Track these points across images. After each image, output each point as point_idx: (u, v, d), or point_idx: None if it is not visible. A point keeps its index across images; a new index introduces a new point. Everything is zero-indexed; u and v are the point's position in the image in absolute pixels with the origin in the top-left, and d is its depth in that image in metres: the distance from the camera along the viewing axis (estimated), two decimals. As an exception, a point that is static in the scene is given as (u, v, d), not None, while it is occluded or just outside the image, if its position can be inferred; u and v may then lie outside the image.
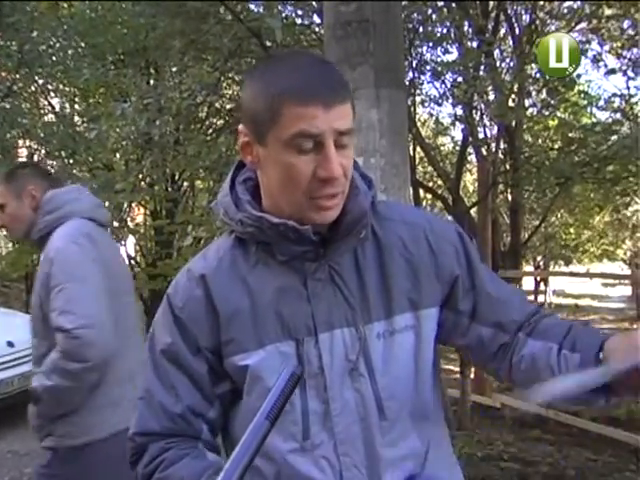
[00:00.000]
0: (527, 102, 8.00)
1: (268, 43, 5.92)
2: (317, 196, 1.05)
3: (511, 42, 8.64)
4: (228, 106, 8.79)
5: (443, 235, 1.20)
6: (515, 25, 8.42)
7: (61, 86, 9.56)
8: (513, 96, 7.38)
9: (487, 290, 1.21)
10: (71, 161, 8.96)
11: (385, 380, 1.10)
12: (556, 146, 8.03)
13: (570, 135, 7.09)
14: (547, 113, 7.70)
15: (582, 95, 8.57)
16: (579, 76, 6.22)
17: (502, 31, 8.73)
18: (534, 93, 7.60)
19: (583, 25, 8.23)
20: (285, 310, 1.10)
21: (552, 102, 6.68)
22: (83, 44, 7.53)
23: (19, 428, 5.19)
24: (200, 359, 1.13)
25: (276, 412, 0.93)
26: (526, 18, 8.59)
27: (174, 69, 8.06)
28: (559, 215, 13.59)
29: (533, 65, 6.90)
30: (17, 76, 8.25)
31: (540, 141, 8.81)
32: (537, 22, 8.45)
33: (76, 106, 10.31)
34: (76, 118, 9.88)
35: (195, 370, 1.13)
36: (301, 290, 1.11)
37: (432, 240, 1.18)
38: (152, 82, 7.70)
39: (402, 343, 1.13)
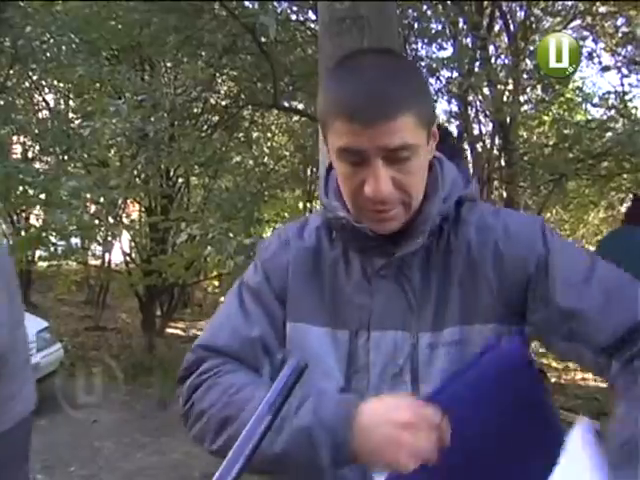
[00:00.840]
0: (522, 98, 8.01)
1: (263, 39, 5.91)
2: (367, 209, 1.05)
3: (506, 39, 8.64)
4: (223, 102, 8.78)
5: (518, 238, 1.09)
6: (510, 22, 8.43)
7: (55, 82, 9.53)
8: (508, 92, 7.38)
9: (557, 300, 1.05)
10: (65, 157, 8.94)
11: (425, 391, 1.06)
12: (551, 142, 8.04)
13: (565, 132, 7.08)
14: (542, 109, 7.71)
15: (577, 92, 8.59)
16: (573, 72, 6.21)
17: (497, 27, 8.75)
18: (529, 89, 7.62)
19: (577, 22, 8.25)
20: (346, 299, 1.12)
21: (547, 98, 6.69)
22: (77, 40, 7.48)
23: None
24: (278, 303, 1.17)
25: (279, 405, 0.91)
26: (520, 15, 8.61)
27: (168, 65, 8.05)
28: (554, 211, 13.61)
29: (528, 61, 6.91)
30: (11, 72, 8.21)
31: (535, 137, 8.82)
32: (532, 19, 8.46)
33: (70, 102, 10.28)
34: (70, 114, 9.86)
35: (273, 310, 1.17)
36: (364, 284, 1.12)
37: (502, 246, 1.08)
38: (146, 78, 7.67)
39: (445, 357, 1.07)
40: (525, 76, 7.39)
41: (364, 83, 1.00)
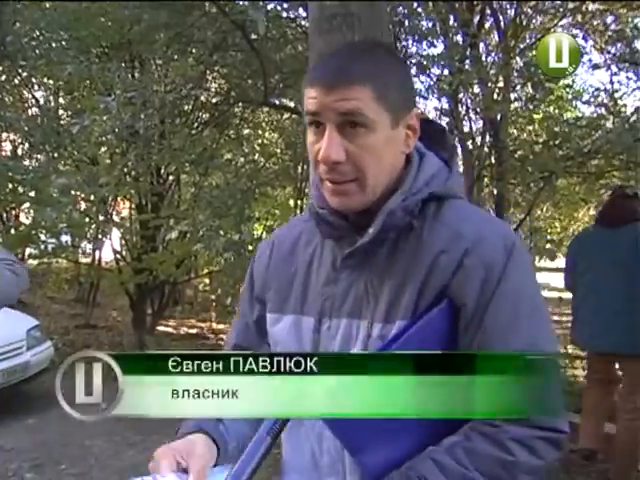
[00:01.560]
0: (512, 96, 8.03)
1: (253, 36, 5.91)
2: (323, 178, 1.11)
3: (496, 36, 8.67)
4: (213, 100, 8.76)
5: (483, 256, 1.08)
6: (500, 19, 8.45)
7: (45, 79, 9.48)
8: (498, 90, 7.40)
9: (488, 335, 1.06)
10: (55, 155, 8.90)
11: None
12: (540, 140, 8.07)
13: (555, 129, 7.10)
14: (532, 107, 7.73)
15: (567, 89, 8.61)
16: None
17: (487, 25, 8.77)
18: (519, 87, 7.64)
19: (567, 20, 8.27)
20: (315, 287, 1.18)
21: (537, 96, 6.71)
22: (67, 37, 7.45)
23: (3, 424, 5.17)
24: (253, 307, 1.29)
25: (278, 428, 0.98)
26: (511, 12, 8.63)
27: (159, 62, 8.02)
28: (544, 209, 13.65)
29: (518, 59, 6.93)
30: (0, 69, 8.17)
31: (525, 135, 8.85)
32: (522, 17, 8.48)
33: (60, 99, 10.24)
34: (60, 111, 9.82)
35: (247, 315, 1.30)
36: (332, 272, 1.16)
37: (466, 258, 1.08)
38: (137, 75, 7.65)
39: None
40: (515, 74, 7.41)
41: (332, 58, 1.12)
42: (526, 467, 1.00)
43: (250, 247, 6.07)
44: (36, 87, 10.11)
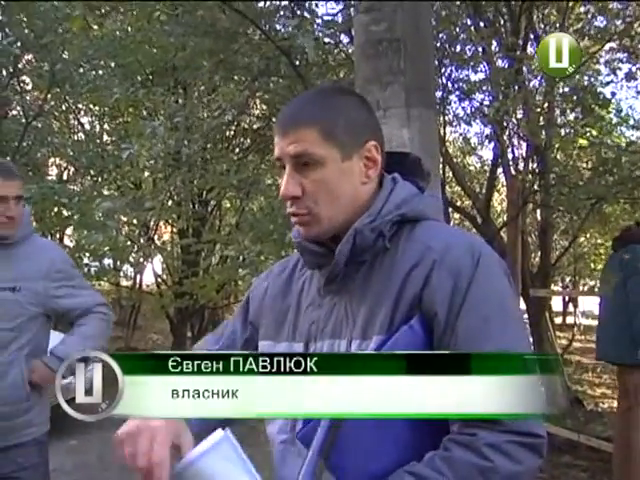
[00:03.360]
0: (559, 120, 7.93)
1: (297, 62, 5.96)
2: (289, 213, 1.23)
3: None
4: (255, 125, 8.86)
5: (450, 266, 1.13)
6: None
7: (91, 106, 9.72)
8: (543, 115, 7.32)
9: (460, 342, 1.09)
10: (99, 179, 9.09)
11: None
12: (589, 165, 7.94)
13: (603, 155, 6.99)
14: (579, 132, 7.62)
15: (615, 113, 8.45)
16: (613, 94, 6.14)
17: (530, 49, 8.71)
18: (566, 112, 7.54)
19: (613, 44, 8.16)
20: (304, 314, 1.27)
21: (584, 122, 6.61)
22: (113, 64, 7.63)
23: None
24: (245, 327, 1.40)
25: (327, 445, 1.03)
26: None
27: (202, 88, 8.15)
28: (588, 235, 13.41)
29: (562, 84, 6.85)
30: (48, 96, 8.40)
31: (572, 161, 8.72)
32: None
33: (105, 125, 10.48)
34: (105, 137, 10.04)
35: (238, 331, 1.40)
36: (317, 298, 1.26)
37: (434, 269, 1.13)
38: (180, 101, 7.78)
39: None
40: (559, 99, 7.33)
41: (286, 108, 1.27)
42: (505, 472, 1.01)
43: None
44: (82, 113, 10.37)
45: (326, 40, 6.40)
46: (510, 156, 7.56)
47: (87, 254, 7.80)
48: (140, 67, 7.41)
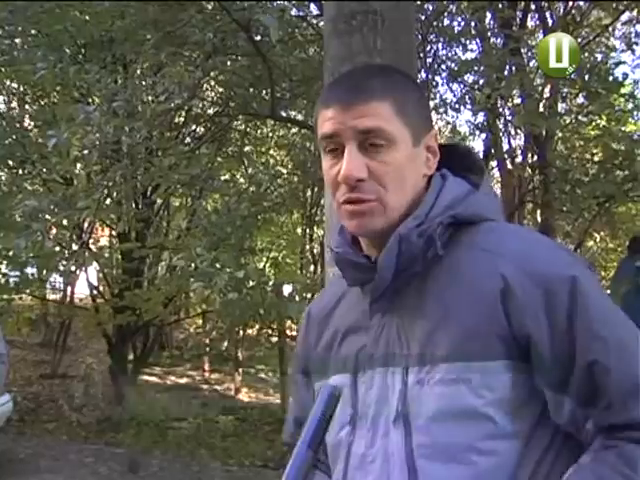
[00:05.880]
0: (561, 107, 8.03)
1: (258, 37, 5.96)
2: (342, 201, 1.19)
3: (542, 37, 8.69)
4: (210, 111, 8.84)
5: (534, 275, 1.10)
6: (547, 16, 8.46)
7: (7, 82, 9.54)
8: (544, 101, 7.41)
9: (582, 367, 1.08)
10: (20, 172, 8.96)
11: (421, 436, 1.13)
12: (595, 159, 8.02)
13: (613, 146, 7.04)
14: (584, 120, 7.69)
15: (627, 99, 8.52)
16: (625, 76, 6.18)
17: (531, 24, 8.80)
18: (569, 97, 7.64)
19: (629, 15, 8.27)
20: (348, 341, 1.27)
21: (591, 107, 6.68)
22: (34, 31, 7.45)
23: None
24: (308, 387, 1.39)
25: (318, 439, 1.06)
26: (560, 7, 8.62)
27: (145, 66, 8.09)
28: (597, 239, 13.61)
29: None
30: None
31: (576, 153, 8.83)
32: (574, 12, 8.48)
33: (27, 107, 10.32)
34: (27, 121, 9.89)
35: (300, 389, 1.42)
36: (362, 320, 1.25)
37: (513, 279, 1.10)
38: (120, 81, 7.72)
39: (435, 395, 1.12)
40: (562, 82, 7.43)
41: (346, 77, 1.29)
42: None
43: (251, 283, 6.05)
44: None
45: (292, 13, 6.43)
46: (505, 147, 7.65)
47: (5, 262, 7.68)
48: (70, 38, 7.27)
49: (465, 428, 1.10)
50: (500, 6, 7.15)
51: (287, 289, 7.89)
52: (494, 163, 8.37)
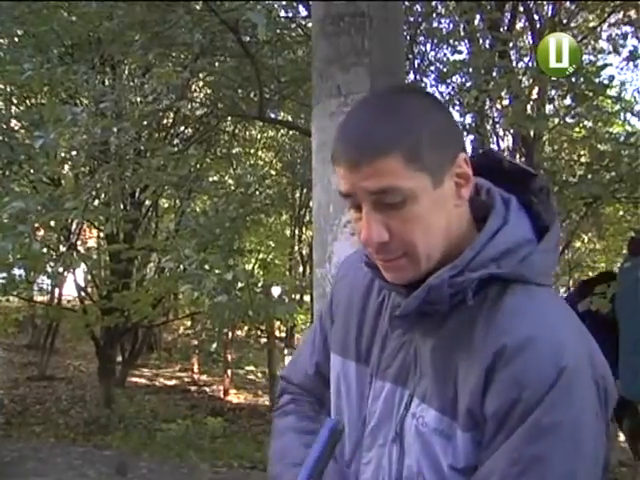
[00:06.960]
0: (548, 109, 8.06)
1: (246, 38, 5.96)
2: (374, 257, 1.17)
3: (530, 38, 8.72)
4: (198, 112, 8.82)
5: (519, 371, 1.04)
6: (535, 18, 8.49)
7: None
8: (531, 102, 7.44)
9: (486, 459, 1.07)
10: (7, 173, 8.91)
11: (411, 461, 1.16)
12: (582, 160, 8.06)
13: (600, 147, 7.08)
14: (572, 121, 7.72)
15: (615, 99, 8.55)
16: (612, 77, 6.21)
17: (519, 25, 8.82)
18: (557, 99, 7.66)
19: (616, 17, 8.30)
20: (376, 340, 1.28)
21: (579, 109, 6.71)
22: (21, 32, 7.44)
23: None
24: (321, 335, 1.47)
25: (318, 473, 1.08)
26: (548, 9, 8.66)
27: (133, 67, 8.08)
28: (585, 240, 13.66)
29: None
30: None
31: (563, 155, 8.87)
32: (561, 14, 8.51)
33: (13, 108, 10.28)
34: (13, 122, 9.84)
35: (317, 336, 1.48)
36: (386, 324, 1.26)
37: (499, 368, 1.06)
38: (107, 82, 7.70)
39: (430, 444, 1.13)
40: (553, 83, 7.45)
41: (353, 126, 1.13)
42: None
43: (240, 284, 6.05)
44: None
45: (281, 14, 6.43)
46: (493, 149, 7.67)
47: (-8, 263, 7.64)
48: (57, 38, 7.26)
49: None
50: (488, 7, 7.20)
51: (276, 290, 7.89)
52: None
